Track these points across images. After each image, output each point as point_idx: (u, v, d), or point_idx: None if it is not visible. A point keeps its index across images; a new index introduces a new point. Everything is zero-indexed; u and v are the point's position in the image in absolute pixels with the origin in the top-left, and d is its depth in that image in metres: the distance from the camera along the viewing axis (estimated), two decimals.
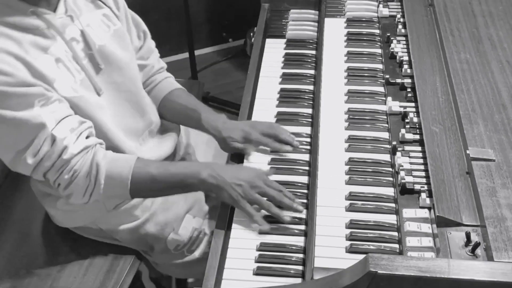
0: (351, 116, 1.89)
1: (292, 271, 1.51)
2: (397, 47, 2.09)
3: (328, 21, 2.28)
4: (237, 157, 1.85)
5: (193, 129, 2.01)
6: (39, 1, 1.60)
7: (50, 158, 1.58)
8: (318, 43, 2.23)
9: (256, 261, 1.54)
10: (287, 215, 1.62)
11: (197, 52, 3.53)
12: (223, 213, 1.67)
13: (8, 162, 1.62)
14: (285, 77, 2.10)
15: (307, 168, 1.78)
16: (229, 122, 1.90)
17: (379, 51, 2.13)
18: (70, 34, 1.67)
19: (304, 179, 1.75)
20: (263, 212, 1.64)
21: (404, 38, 2.12)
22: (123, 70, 1.80)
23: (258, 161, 1.81)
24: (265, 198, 1.63)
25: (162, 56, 2.07)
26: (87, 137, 1.64)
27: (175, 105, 1.97)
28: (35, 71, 1.56)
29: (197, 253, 1.91)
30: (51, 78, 1.59)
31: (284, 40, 2.28)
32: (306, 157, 1.82)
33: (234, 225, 1.64)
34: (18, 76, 1.52)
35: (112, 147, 1.73)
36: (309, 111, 1.96)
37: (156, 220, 1.88)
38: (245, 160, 1.82)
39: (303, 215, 1.65)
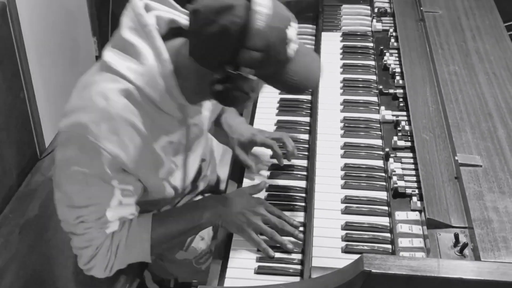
0: (346, 124, 1.89)
1: (291, 270, 1.51)
2: (390, 60, 2.09)
3: (324, 35, 2.28)
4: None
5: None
6: (190, 97, 1.50)
7: (89, 224, 1.52)
8: None
9: (258, 261, 1.54)
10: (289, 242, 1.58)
11: None
12: None
13: (59, 214, 1.56)
14: None
15: (305, 173, 1.78)
16: (244, 124, 1.88)
17: (373, 63, 2.13)
18: (195, 121, 1.61)
19: (302, 183, 1.75)
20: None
21: (396, 51, 2.12)
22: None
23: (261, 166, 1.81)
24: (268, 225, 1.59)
25: None
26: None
27: None
28: (152, 151, 1.50)
29: (203, 266, 1.89)
30: (161, 162, 1.54)
31: None
32: (304, 162, 1.82)
33: None
34: (133, 163, 1.46)
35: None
36: (307, 119, 1.96)
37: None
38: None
39: (301, 218, 1.64)
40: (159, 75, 1.42)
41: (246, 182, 1.77)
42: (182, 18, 1.50)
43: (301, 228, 1.61)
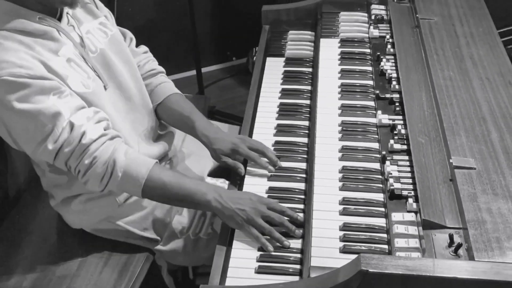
0: (344, 128, 1.89)
1: (290, 270, 1.51)
2: (386, 65, 2.09)
3: (323, 41, 2.29)
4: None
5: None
6: (43, 10, 1.63)
7: (70, 144, 1.58)
8: (314, 62, 2.24)
9: (258, 261, 1.54)
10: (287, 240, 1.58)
11: (203, 70, 3.53)
12: None
13: (30, 152, 1.64)
14: (284, 93, 2.11)
15: (304, 175, 1.78)
16: (220, 133, 1.88)
17: (370, 68, 2.14)
18: (75, 39, 1.70)
19: (302, 185, 1.75)
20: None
21: (392, 57, 2.12)
22: (123, 70, 1.82)
23: (259, 171, 1.81)
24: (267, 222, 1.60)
25: (172, 73, 2.07)
26: (105, 129, 1.64)
27: (171, 110, 1.95)
28: (49, 68, 1.58)
29: (201, 234, 1.88)
30: (64, 75, 1.61)
31: (283, 59, 2.29)
32: (303, 165, 1.82)
33: None
34: (36, 70, 1.55)
35: None
36: (306, 123, 1.97)
37: (162, 206, 1.87)
38: (247, 168, 1.82)
39: (300, 219, 1.64)
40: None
41: (247, 185, 1.77)
42: None
43: (300, 230, 1.61)
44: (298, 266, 1.53)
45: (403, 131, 1.80)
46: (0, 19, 1.58)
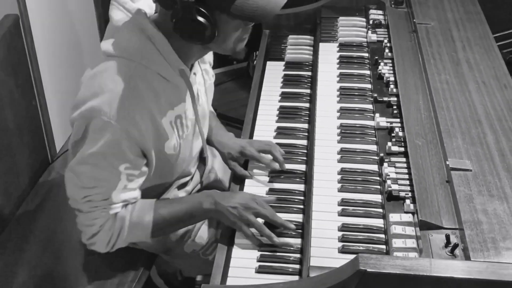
0: (343, 131, 1.89)
1: (290, 270, 1.51)
2: (384, 69, 2.09)
3: (322, 46, 2.29)
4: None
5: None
6: (187, 59, 1.57)
7: (96, 205, 1.56)
8: (313, 65, 2.24)
9: (258, 261, 1.54)
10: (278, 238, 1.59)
11: None
12: None
13: (66, 174, 1.57)
14: (284, 96, 2.11)
15: (303, 177, 1.79)
16: (232, 139, 1.91)
17: (368, 72, 2.14)
18: (194, 92, 1.65)
19: (301, 187, 1.75)
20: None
21: (390, 61, 2.12)
22: (206, 120, 1.81)
23: (260, 172, 1.82)
24: (259, 219, 1.60)
25: None
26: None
27: None
28: (158, 131, 1.53)
29: (211, 257, 1.88)
30: (166, 137, 1.57)
31: (283, 63, 2.29)
32: (302, 167, 1.82)
33: None
34: (144, 141, 1.50)
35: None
36: (306, 126, 1.97)
37: (176, 232, 1.84)
38: (248, 170, 1.83)
39: (300, 219, 1.65)
40: (151, 44, 1.49)
41: (248, 187, 1.77)
42: None
43: (300, 230, 1.61)
44: (297, 266, 1.53)
45: (400, 134, 1.80)
46: (146, 51, 1.50)
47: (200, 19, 1.40)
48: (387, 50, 2.18)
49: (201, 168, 1.93)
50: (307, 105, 2.06)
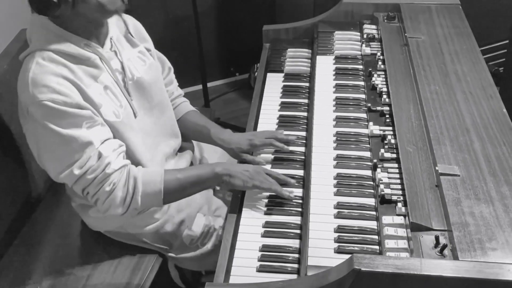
0: (338, 138, 1.89)
1: (289, 269, 1.52)
2: (378, 80, 2.09)
3: (319, 58, 2.29)
4: None
5: (207, 145, 2.05)
6: (90, 36, 1.64)
7: (94, 172, 1.59)
8: (311, 77, 2.24)
9: (259, 260, 1.54)
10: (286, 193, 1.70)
11: (209, 84, 3.54)
12: (231, 218, 1.68)
13: (54, 173, 1.62)
14: (283, 105, 2.11)
15: (301, 181, 1.79)
16: (234, 135, 1.95)
17: (362, 83, 2.14)
18: (114, 66, 1.70)
19: (299, 191, 1.75)
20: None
21: (383, 73, 2.13)
22: (155, 97, 1.83)
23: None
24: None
25: (180, 87, 2.09)
26: (123, 157, 1.66)
27: (189, 123, 2.01)
28: (86, 97, 1.59)
29: (209, 245, 1.90)
30: (98, 103, 1.62)
31: (283, 74, 2.29)
32: (300, 172, 1.82)
33: (240, 229, 1.64)
34: (74, 98, 1.55)
35: (137, 164, 1.73)
36: (304, 133, 1.97)
37: (173, 220, 1.88)
38: None
39: (298, 221, 1.65)
40: (51, 32, 1.59)
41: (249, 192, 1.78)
42: None
43: (298, 231, 1.62)
44: (296, 265, 1.53)
45: (392, 141, 1.80)
46: (49, 39, 1.59)
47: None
48: (380, 63, 2.19)
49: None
50: (305, 114, 2.06)
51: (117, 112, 1.67)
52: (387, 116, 1.93)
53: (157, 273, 1.90)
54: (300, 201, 1.72)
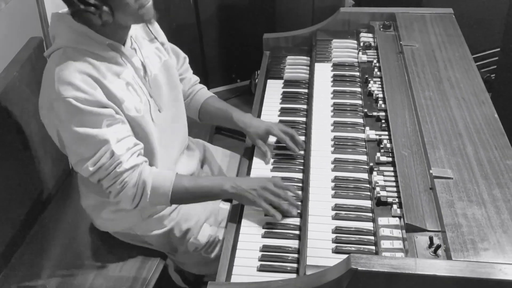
0: (336, 142, 1.89)
1: (288, 268, 1.52)
2: (374, 87, 2.10)
3: (317, 66, 2.29)
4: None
5: (210, 145, 2.07)
6: (113, 36, 1.64)
7: (107, 169, 1.60)
8: (309, 83, 2.25)
9: (260, 260, 1.55)
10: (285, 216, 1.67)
11: (211, 90, 3.52)
12: (233, 220, 1.68)
13: (73, 163, 1.65)
14: (283, 111, 2.12)
15: (300, 184, 1.79)
16: (255, 119, 1.96)
17: (359, 89, 2.14)
18: (136, 63, 1.71)
19: (298, 193, 1.74)
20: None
21: (379, 79, 2.13)
22: (170, 95, 1.83)
23: (261, 174, 1.81)
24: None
25: None
26: (137, 155, 1.65)
27: (212, 108, 2.01)
28: (109, 93, 1.59)
29: (212, 255, 1.90)
30: (121, 99, 1.62)
31: (282, 81, 2.29)
32: (299, 175, 1.83)
33: (242, 230, 1.64)
34: (96, 96, 1.55)
35: (153, 160, 1.74)
36: (303, 138, 1.96)
37: (180, 228, 1.87)
38: (250, 173, 1.83)
39: (297, 222, 1.65)
40: (76, 32, 1.59)
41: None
42: None
43: (297, 232, 1.62)
44: (295, 265, 1.53)
45: (388, 145, 1.80)
46: (75, 39, 1.59)
47: (87, 7, 1.52)
48: (376, 70, 2.19)
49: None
50: (304, 119, 2.07)
51: (138, 108, 1.67)
52: (383, 121, 1.93)
53: (161, 274, 1.90)
54: (299, 203, 1.71)
